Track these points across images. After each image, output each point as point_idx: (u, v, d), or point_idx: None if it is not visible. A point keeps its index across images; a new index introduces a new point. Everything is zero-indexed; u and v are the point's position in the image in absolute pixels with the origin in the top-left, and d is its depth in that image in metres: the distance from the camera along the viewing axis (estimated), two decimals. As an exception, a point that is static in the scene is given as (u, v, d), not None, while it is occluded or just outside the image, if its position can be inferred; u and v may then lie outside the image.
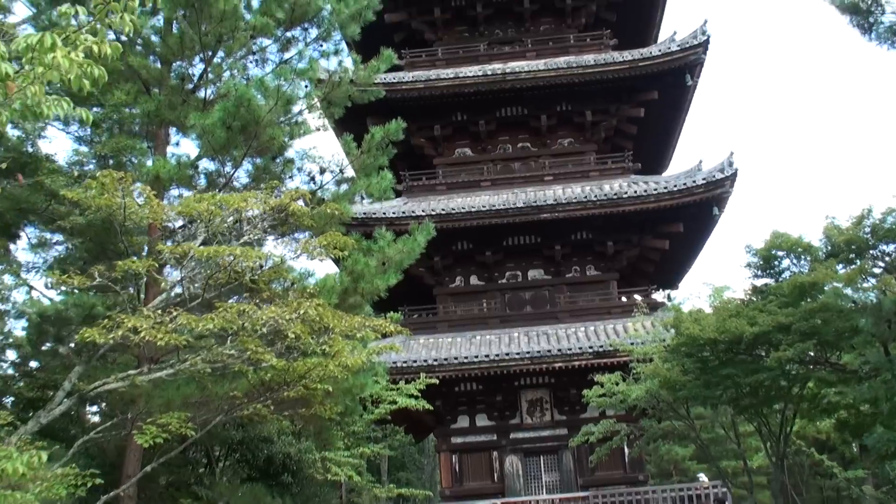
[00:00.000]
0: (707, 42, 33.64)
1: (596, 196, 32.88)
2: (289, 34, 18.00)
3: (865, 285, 20.03)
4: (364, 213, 32.05)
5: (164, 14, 15.65)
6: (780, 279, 20.83)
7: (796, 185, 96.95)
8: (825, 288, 19.14)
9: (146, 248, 16.12)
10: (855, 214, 20.61)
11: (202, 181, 16.73)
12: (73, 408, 15.73)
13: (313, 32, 18.15)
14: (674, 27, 43.13)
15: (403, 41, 37.35)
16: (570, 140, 36.70)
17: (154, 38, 16.55)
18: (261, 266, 13.51)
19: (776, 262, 21.14)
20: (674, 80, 34.21)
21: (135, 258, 12.73)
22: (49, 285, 19.06)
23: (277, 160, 16.55)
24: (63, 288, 18.25)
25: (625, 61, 34.14)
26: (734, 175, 32.28)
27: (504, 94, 35.19)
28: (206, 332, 12.32)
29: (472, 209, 33.17)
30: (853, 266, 20.17)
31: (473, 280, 35.58)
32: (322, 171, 17.78)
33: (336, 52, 18.35)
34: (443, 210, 33.13)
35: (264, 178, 16.02)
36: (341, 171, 17.98)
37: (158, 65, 17.19)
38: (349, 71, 18.29)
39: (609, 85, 34.88)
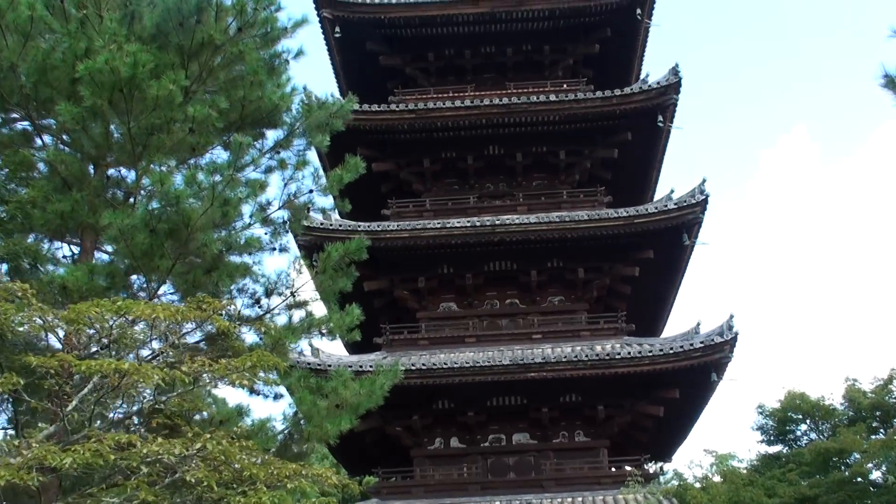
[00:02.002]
0: (706, 201, 31.06)
1: (587, 356, 29.70)
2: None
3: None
4: (338, 366, 28.73)
5: (87, 102, 12.82)
6: (797, 445, 17.58)
7: (798, 342, 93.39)
8: (853, 457, 15.89)
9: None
10: (880, 376, 17.57)
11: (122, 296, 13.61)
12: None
13: (271, 137, 15.35)
14: (672, 182, 40.70)
15: (391, 191, 34.83)
16: (561, 298, 33.67)
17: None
18: (166, 390, 10.21)
19: (792, 427, 17.90)
20: (671, 240, 31.48)
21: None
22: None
23: (212, 274, 13.46)
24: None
25: (620, 217, 31.45)
26: (734, 339, 29.15)
27: (493, 248, 32.35)
28: (69, 470, 8.96)
29: (455, 365, 29.95)
30: (880, 434, 16.95)
31: (454, 442, 31.96)
32: (268, 294, 14.64)
33: (298, 164, 15.43)
34: (423, 365, 29.93)
35: (194, 292, 12.89)
36: (293, 294, 14.85)
37: (91, 167, 14.34)
38: (308, 180, 15.27)
39: (603, 242, 32.09)
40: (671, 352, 29.39)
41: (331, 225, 31.69)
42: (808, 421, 17.47)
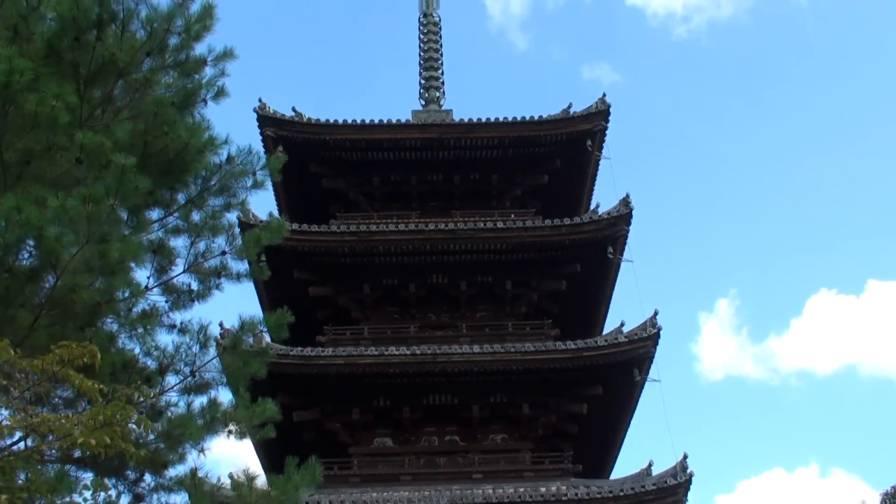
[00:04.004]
0: (658, 335, 28.69)
1: (531, 496, 26.61)
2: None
3: None
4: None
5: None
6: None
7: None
8: None
9: None
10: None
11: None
12: None
13: (182, 195, 12.66)
14: (621, 315, 38.38)
15: (327, 318, 32.05)
16: (504, 436, 30.64)
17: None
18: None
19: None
20: (621, 375, 28.92)
21: None
22: None
23: (85, 331, 10.57)
24: None
25: (568, 350, 28.91)
26: (689, 480, 26.40)
27: (433, 380, 29.49)
28: None
29: (388, 504, 26.70)
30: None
31: None
32: (162, 370, 11.68)
33: (211, 218, 12.62)
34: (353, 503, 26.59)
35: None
36: (193, 373, 11.91)
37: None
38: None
39: (550, 376, 29.45)
40: (621, 495, 26.53)
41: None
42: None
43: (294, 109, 32.60)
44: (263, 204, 34.78)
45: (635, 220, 30.38)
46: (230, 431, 13.06)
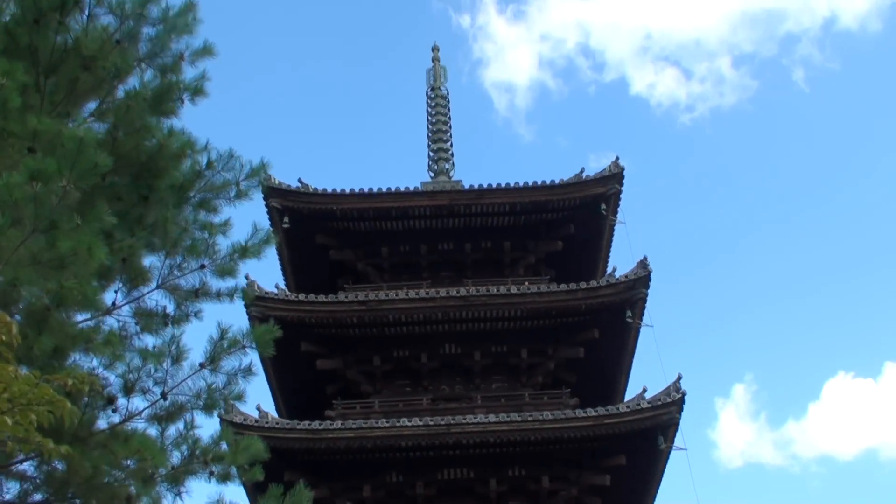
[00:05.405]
0: (682, 401, 26.85)
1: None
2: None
3: None
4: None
5: None
6: None
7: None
8: None
9: None
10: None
11: None
12: None
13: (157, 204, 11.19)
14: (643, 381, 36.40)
15: (336, 393, 30.30)
16: (524, 511, 28.56)
17: None
18: None
19: None
20: (645, 444, 27.01)
21: None
22: None
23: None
24: None
25: (588, 418, 27.07)
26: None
27: (447, 452, 27.62)
28: None
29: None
30: None
31: None
32: (128, 389, 10.02)
33: (190, 244, 11.16)
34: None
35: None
36: (164, 395, 10.24)
37: None
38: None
39: (570, 446, 27.58)
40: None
41: (266, 423, 27.16)
42: None
43: (300, 181, 31.39)
44: (269, 276, 33.73)
45: (650, 299, 28.75)
46: (212, 473, 11.29)
